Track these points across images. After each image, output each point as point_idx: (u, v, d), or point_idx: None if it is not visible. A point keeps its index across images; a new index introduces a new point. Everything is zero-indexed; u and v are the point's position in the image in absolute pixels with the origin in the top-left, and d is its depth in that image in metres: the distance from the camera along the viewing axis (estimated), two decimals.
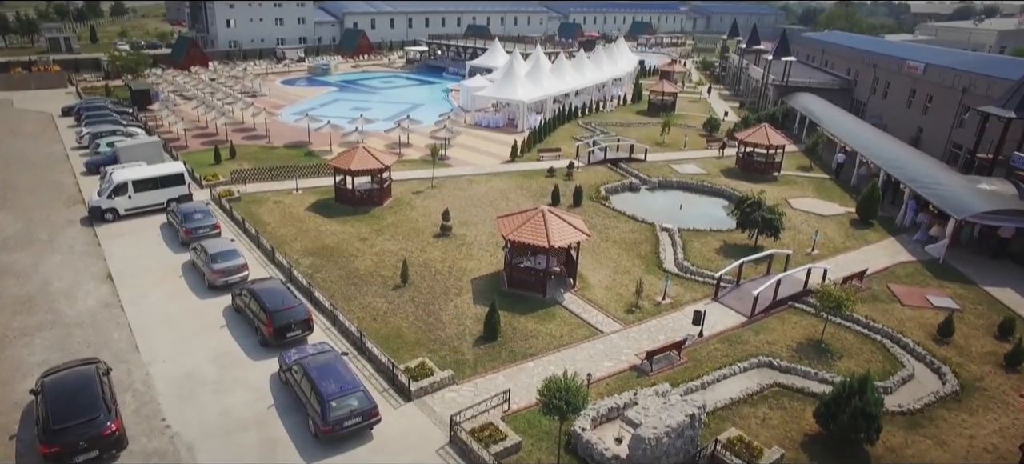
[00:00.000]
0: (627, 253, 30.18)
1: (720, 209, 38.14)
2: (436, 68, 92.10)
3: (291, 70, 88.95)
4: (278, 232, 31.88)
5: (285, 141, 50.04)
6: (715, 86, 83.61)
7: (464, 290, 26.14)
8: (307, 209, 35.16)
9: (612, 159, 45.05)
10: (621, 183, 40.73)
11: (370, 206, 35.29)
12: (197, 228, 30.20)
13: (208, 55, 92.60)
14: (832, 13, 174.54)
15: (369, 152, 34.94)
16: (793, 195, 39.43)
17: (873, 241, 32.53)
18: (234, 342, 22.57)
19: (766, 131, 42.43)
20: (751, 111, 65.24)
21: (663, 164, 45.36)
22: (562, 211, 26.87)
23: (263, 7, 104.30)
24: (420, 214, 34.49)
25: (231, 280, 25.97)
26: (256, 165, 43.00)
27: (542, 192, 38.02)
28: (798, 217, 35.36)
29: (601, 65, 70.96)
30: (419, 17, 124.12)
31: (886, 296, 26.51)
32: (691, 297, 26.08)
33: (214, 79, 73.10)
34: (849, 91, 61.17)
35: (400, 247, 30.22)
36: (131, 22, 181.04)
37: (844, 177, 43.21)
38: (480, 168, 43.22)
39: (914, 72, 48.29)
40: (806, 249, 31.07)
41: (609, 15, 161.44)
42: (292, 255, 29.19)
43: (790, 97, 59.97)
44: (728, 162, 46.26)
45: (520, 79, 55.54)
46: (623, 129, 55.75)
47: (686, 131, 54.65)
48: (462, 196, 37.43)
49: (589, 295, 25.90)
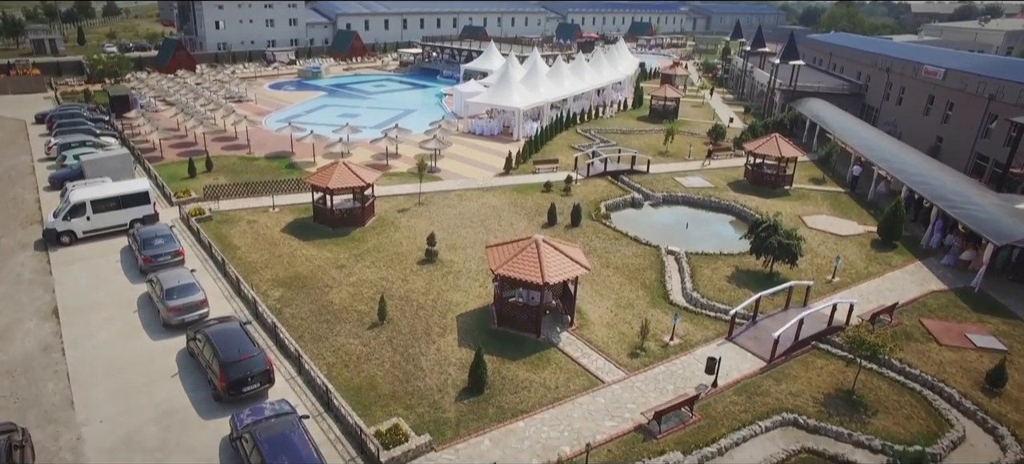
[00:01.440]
0: (630, 282, 27.44)
1: (729, 226, 35.54)
2: (430, 71, 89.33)
3: (280, 73, 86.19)
4: (248, 258, 29.12)
5: (267, 151, 47.27)
6: (718, 89, 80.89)
7: (449, 329, 23.40)
8: (283, 230, 32.40)
9: (612, 171, 42.31)
10: (622, 198, 38.00)
11: (351, 227, 32.54)
12: (157, 255, 27.45)
13: (196, 58, 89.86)
14: (834, 13, 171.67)
15: (349, 168, 32.18)
16: (807, 212, 36.72)
17: (898, 265, 29.79)
18: (185, 395, 19.82)
19: (777, 142, 39.72)
20: (757, 117, 62.55)
21: (667, 176, 42.64)
22: (558, 240, 24.13)
23: (253, 8, 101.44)
24: (405, 236, 31.73)
25: (188, 318, 23.23)
26: (233, 179, 40.30)
27: (538, 209, 35.29)
28: (815, 237, 32.64)
29: (600, 68, 68.23)
30: (414, 18, 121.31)
31: (920, 333, 23.78)
32: (702, 336, 23.35)
33: (199, 83, 70.26)
34: (860, 96, 58.49)
35: (380, 276, 27.46)
36: (123, 23, 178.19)
37: (860, 191, 40.53)
38: (472, 182, 40.47)
39: (932, 77, 45.58)
40: (826, 275, 28.35)
41: (608, 15, 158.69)
42: (260, 286, 26.45)
43: (798, 103, 57.30)
44: (735, 174, 43.54)
45: (515, 84, 52.80)
46: (624, 137, 53.02)
47: (690, 140, 51.93)
48: (451, 214, 34.69)
49: (588, 335, 23.16)
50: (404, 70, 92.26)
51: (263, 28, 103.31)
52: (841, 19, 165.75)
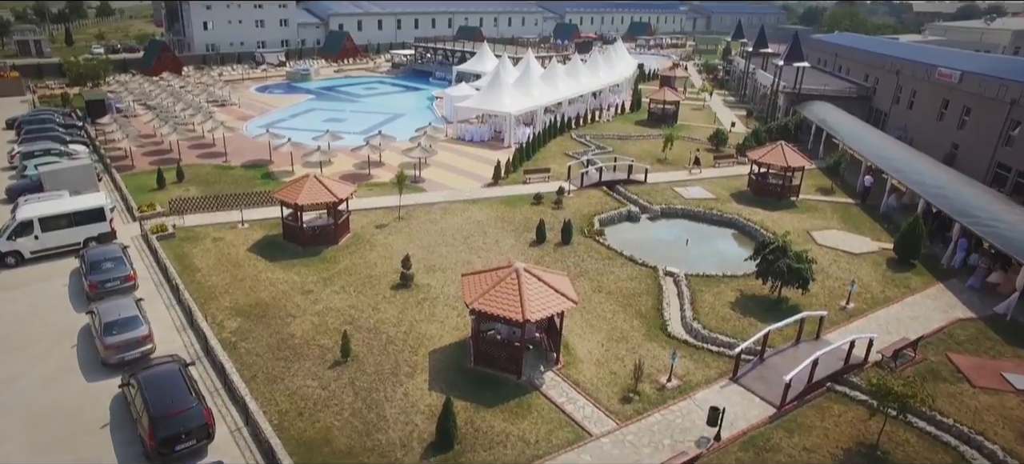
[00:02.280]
0: (624, 309, 24.91)
1: (732, 242, 33.06)
2: (423, 73, 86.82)
3: (268, 75, 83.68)
4: (208, 282, 26.61)
5: (245, 160, 44.77)
6: (718, 91, 78.34)
7: (419, 368, 20.88)
8: (249, 249, 29.89)
9: (608, 182, 39.77)
10: (618, 211, 35.47)
11: (323, 245, 30.02)
12: (105, 281, 24.94)
13: (183, 59, 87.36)
14: (836, 13, 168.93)
15: (321, 182, 29.65)
16: (816, 226, 34.18)
17: (918, 289, 27.24)
18: (112, 452, 17.31)
19: (783, 150, 37.17)
20: (760, 121, 60.01)
21: (665, 186, 40.11)
22: (542, 268, 21.60)
23: (242, 8, 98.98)
24: (380, 256, 29.21)
25: (129, 356, 20.74)
26: (205, 190, 37.87)
27: (526, 225, 32.77)
28: (825, 256, 30.09)
29: (597, 70, 65.70)
30: (408, 18, 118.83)
31: (949, 372, 21.25)
32: (703, 375, 20.83)
33: (183, 86, 67.73)
34: (867, 99, 55.90)
35: (349, 303, 24.95)
36: (116, 23, 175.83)
37: (871, 202, 38.01)
38: (457, 193, 37.94)
39: (947, 80, 42.99)
40: (840, 300, 25.81)
41: (607, 15, 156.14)
42: (217, 316, 23.95)
43: (803, 106, 54.74)
44: (738, 183, 41.01)
45: (507, 88, 50.26)
46: (621, 143, 50.50)
47: (690, 146, 49.39)
48: (433, 231, 32.15)
49: (576, 375, 20.64)
50: (396, 72, 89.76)
51: (253, 29, 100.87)
52: (843, 19, 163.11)
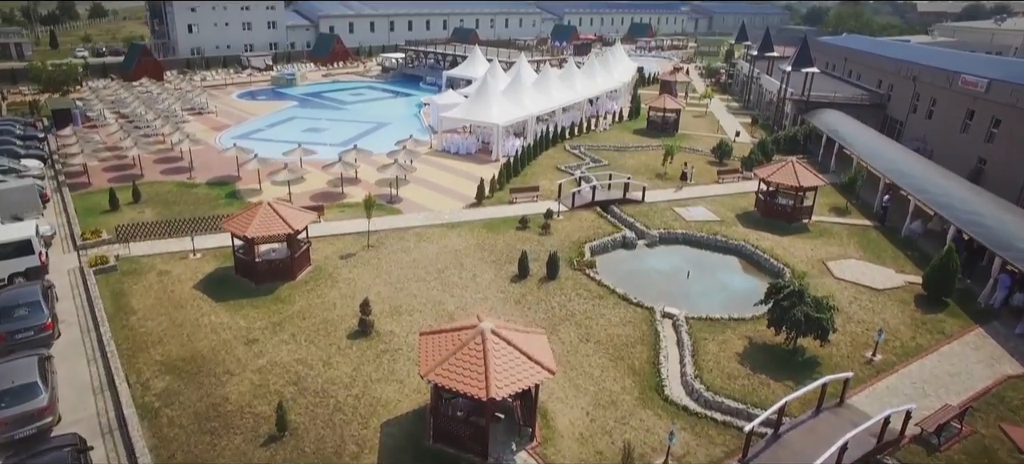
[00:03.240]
0: (615, 364, 21.52)
1: (738, 274, 29.67)
2: (413, 78, 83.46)
3: (252, 81, 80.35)
4: (142, 328, 23.29)
5: (211, 176, 41.44)
6: (721, 96, 74.87)
7: (368, 446, 17.52)
8: (196, 285, 26.54)
9: (602, 201, 36.36)
10: (611, 237, 32.04)
11: (278, 281, 26.65)
12: (16, 331, 21.58)
13: (165, 64, 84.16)
14: (841, 13, 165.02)
15: (275, 210, 26.29)
16: (831, 254, 30.75)
17: (954, 334, 23.80)
18: None
19: (794, 169, 33.73)
20: (765, 129, 56.58)
21: (665, 206, 36.71)
22: (515, 327, 18.16)
23: (228, 10, 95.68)
24: (342, 294, 25.83)
25: (21, 434, 17.41)
26: (162, 212, 34.68)
27: (509, 255, 29.38)
28: (844, 293, 26.66)
29: (594, 76, 62.26)
30: (401, 20, 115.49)
31: (1006, 449, 17.82)
32: (707, 455, 17.43)
33: (160, 93, 64.41)
34: (881, 107, 52.45)
35: (298, 357, 21.60)
36: (109, 25, 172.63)
37: (890, 223, 34.62)
38: (436, 216, 34.55)
39: (972, 89, 39.52)
40: (865, 350, 22.42)
41: (606, 16, 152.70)
42: (144, 372, 20.63)
43: (812, 114, 51.32)
44: (744, 202, 37.61)
45: (495, 97, 46.84)
46: (617, 155, 47.09)
47: (692, 159, 45.96)
48: (404, 262, 28.77)
49: (554, 456, 17.25)
50: (386, 77, 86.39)
51: (240, 32, 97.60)
52: (848, 19, 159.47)
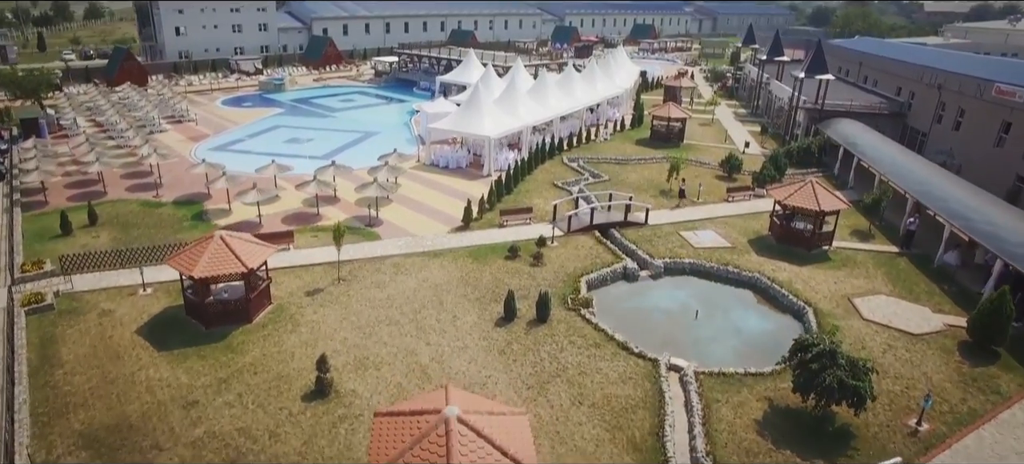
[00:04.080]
0: (612, 435, 18.31)
1: (753, 311, 26.47)
2: (407, 83, 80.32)
3: (240, 86, 77.27)
4: (67, 386, 20.17)
5: (179, 194, 38.37)
6: (728, 102, 71.54)
7: None
8: (140, 329, 23.42)
9: (601, 224, 33.18)
10: (611, 269, 28.81)
11: (233, 324, 23.55)
12: None
13: (150, 68, 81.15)
14: (849, 14, 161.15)
15: (228, 246, 23.14)
16: (857, 289, 27.49)
17: (1014, 397, 20.40)
18: None
19: (814, 190, 30.49)
20: (776, 138, 53.33)
21: (670, 229, 33.51)
22: (490, 409, 14.94)
23: (218, 12, 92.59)
24: (302, 340, 22.68)
25: None
26: (120, 236, 31.81)
27: (495, 292, 26.21)
28: (876, 338, 23.44)
29: (594, 81, 58.98)
30: (397, 21, 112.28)
31: None
32: None
33: (140, 99, 61.36)
34: (901, 117, 49.14)
35: (241, 425, 18.45)
36: (104, 26, 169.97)
37: (918, 248, 31.38)
38: (418, 242, 31.37)
39: (1008, 99, 36.19)
40: (908, 419, 19.17)
41: (608, 17, 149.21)
42: (56, 447, 17.53)
43: (827, 124, 48.04)
44: (756, 224, 34.40)
45: (487, 107, 43.63)
46: (619, 168, 43.86)
47: (699, 173, 42.74)
48: (376, 301, 25.60)
49: None
50: (379, 81, 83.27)
51: (230, 34, 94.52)
52: (856, 20, 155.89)
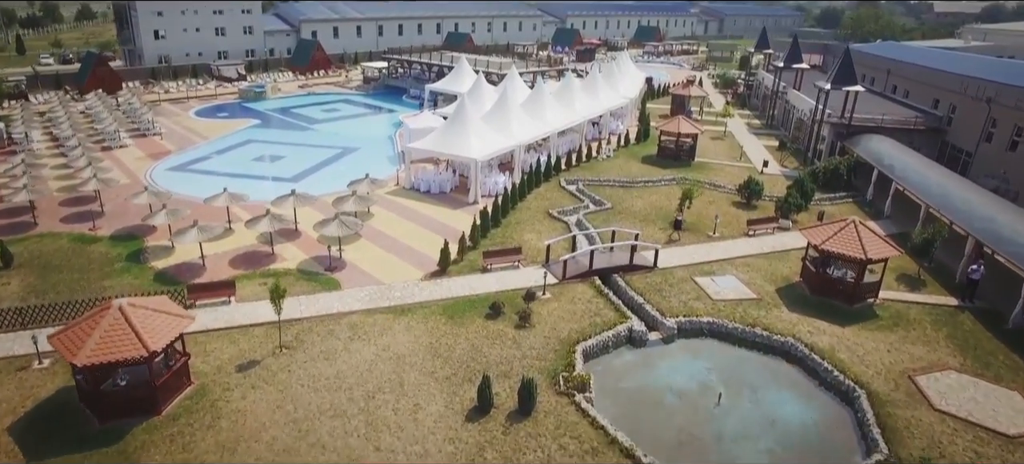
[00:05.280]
0: None
1: (789, 392, 21.31)
2: (397, 90, 75.33)
3: (218, 94, 72.25)
4: None
5: (120, 226, 33.32)
6: (739, 111, 66.33)
7: None
8: (14, 425, 18.38)
9: (602, 270, 28.06)
10: (614, 332, 23.68)
11: (136, 417, 18.52)
12: None
13: (124, 74, 76.36)
14: (860, 15, 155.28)
15: (128, 320, 18.04)
16: (917, 361, 22.32)
17: None
18: None
19: (857, 233, 25.31)
20: (796, 155, 48.13)
21: (684, 273, 28.41)
22: None
23: (199, 15, 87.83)
24: (219, 443, 17.60)
25: None
26: (30, 286, 26.89)
27: (469, 366, 21.13)
28: (955, 441, 18.28)
29: (596, 92, 53.90)
30: (391, 24, 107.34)
31: None
32: None
33: (102, 111, 56.49)
34: (940, 133, 43.92)
35: None
36: (94, 28, 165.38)
37: (983, 300, 26.24)
38: (384, 292, 26.27)
39: None
40: None
41: (612, 19, 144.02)
42: None
43: (855, 141, 42.87)
44: (784, 267, 29.25)
45: (474, 124, 38.51)
46: (624, 193, 38.68)
47: (715, 199, 37.65)
48: (323, 378, 20.51)
49: None
50: (367, 88, 78.28)
51: (213, 38, 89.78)
52: (868, 21, 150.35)
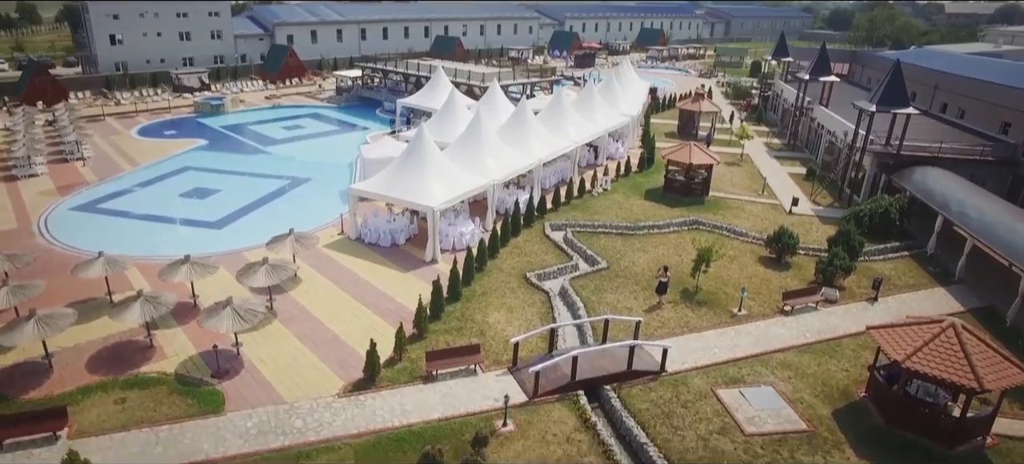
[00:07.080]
0: None
1: None
2: (372, 102, 67.60)
3: (172, 107, 64.49)
4: None
5: None
6: (755, 126, 58.16)
7: None
8: None
9: (589, 379, 20.25)
10: None
11: None
12: None
13: (67, 84, 68.52)
14: (875, 17, 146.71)
15: None
16: None
17: None
18: None
19: (960, 341, 17.49)
20: (828, 186, 40.23)
21: (701, 383, 20.64)
22: None
23: (161, 18, 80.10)
24: None
25: None
26: None
27: None
28: None
29: (592, 111, 45.86)
30: (374, 27, 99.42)
31: None
32: None
33: (20, 130, 48.84)
34: (1014, 165, 36.04)
35: None
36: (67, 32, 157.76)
37: None
38: (280, 420, 18.43)
39: None
40: None
41: (613, 21, 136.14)
42: None
43: (906, 174, 35.11)
44: (840, 373, 21.47)
45: (433, 161, 30.57)
46: (622, 245, 30.86)
47: (736, 251, 29.89)
48: None
49: None
50: (340, 100, 70.50)
51: (177, 43, 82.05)
52: (884, 23, 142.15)
